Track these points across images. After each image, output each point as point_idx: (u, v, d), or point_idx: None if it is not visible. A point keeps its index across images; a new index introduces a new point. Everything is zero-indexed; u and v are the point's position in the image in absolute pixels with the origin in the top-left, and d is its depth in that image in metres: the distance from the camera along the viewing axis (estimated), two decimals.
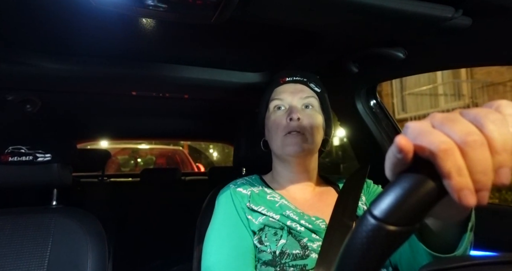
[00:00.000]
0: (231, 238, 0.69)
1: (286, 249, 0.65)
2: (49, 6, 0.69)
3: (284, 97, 0.78)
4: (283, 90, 0.79)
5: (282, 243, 0.66)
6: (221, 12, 0.59)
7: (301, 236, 0.67)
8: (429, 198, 0.26)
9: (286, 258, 0.64)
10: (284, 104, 0.78)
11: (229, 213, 0.73)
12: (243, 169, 1.31)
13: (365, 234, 0.27)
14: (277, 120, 0.76)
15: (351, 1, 0.58)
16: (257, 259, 0.67)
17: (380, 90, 8.97)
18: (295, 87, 0.80)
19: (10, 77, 0.98)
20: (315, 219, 0.70)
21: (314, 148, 0.77)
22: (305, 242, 0.66)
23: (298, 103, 0.77)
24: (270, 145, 0.80)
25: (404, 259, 0.59)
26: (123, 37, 0.86)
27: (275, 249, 0.65)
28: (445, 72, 7.68)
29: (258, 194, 0.76)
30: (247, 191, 0.76)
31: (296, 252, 0.64)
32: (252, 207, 0.72)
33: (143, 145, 4.41)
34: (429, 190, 0.26)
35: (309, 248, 0.65)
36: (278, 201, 0.74)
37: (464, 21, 0.65)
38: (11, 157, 0.89)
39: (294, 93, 0.78)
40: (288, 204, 0.73)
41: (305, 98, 0.78)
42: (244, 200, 0.74)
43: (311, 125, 0.76)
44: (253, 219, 0.71)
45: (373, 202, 0.28)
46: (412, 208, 0.26)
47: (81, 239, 0.89)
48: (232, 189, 0.77)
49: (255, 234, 0.69)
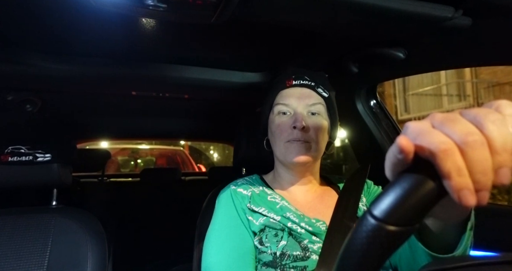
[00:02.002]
0: (232, 238, 0.69)
1: (287, 250, 0.65)
2: (49, 6, 0.69)
3: (289, 103, 0.75)
4: (289, 94, 0.76)
5: (282, 244, 0.65)
6: (221, 12, 0.59)
7: (302, 238, 0.67)
8: (429, 198, 0.26)
9: (287, 259, 0.64)
10: (289, 110, 0.75)
11: (230, 214, 0.73)
12: (243, 169, 1.31)
13: (365, 234, 0.27)
14: (281, 126, 0.74)
15: (351, 1, 0.58)
16: (257, 260, 0.67)
17: (383, 91, 8.92)
18: (301, 92, 0.76)
19: (10, 77, 0.98)
20: (316, 221, 0.70)
21: (318, 155, 0.76)
22: (306, 243, 0.66)
23: (304, 110, 0.74)
24: (273, 147, 0.79)
25: (403, 260, 0.59)
26: (123, 37, 0.86)
27: (275, 250, 0.65)
28: (449, 72, 7.57)
29: (259, 194, 0.75)
30: (247, 191, 0.75)
31: (297, 254, 0.64)
32: (253, 208, 0.71)
33: (143, 145, 4.38)
34: (429, 190, 0.26)
35: (310, 250, 0.65)
36: (278, 202, 0.73)
37: (464, 21, 0.65)
38: (11, 157, 0.89)
39: (300, 98, 0.75)
40: (288, 206, 0.72)
41: (311, 105, 0.74)
42: (245, 200, 0.74)
43: (317, 133, 0.73)
44: (254, 220, 0.70)
45: (373, 202, 0.28)
46: (412, 208, 0.26)
47: (81, 239, 0.89)
48: (233, 189, 0.77)
49: (255, 235, 0.69)
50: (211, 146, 10.94)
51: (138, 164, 4.36)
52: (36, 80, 1.02)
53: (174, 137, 2.75)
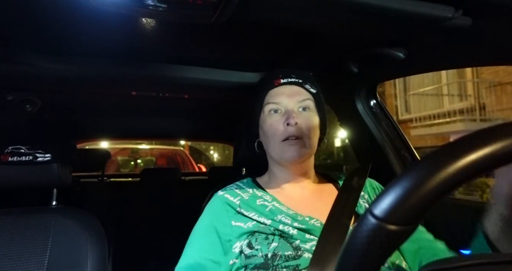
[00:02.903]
0: (200, 245, 0.71)
1: (278, 251, 0.64)
2: (49, 6, 0.69)
3: (280, 101, 0.76)
4: (279, 93, 0.77)
5: (274, 246, 0.65)
6: (221, 12, 0.59)
7: (293, 239, 0.66)
8: (430, 197, 0.26)
9: (278, 260, 0.63)
10: (280, 108, 0.76)
11: (208, 221, 0.74)
12: (243, 169, 1.31)
13: (366, 233, 0.27)
14: (274, 125, 0.75)
15: (351, 1, 0.58)
16: (244, 265, 0.66)
17: (383, 91, 8.91)
18: (291, 89, 0.77)
19: (10, 77, 0.98)
20: (309, 219, 0.70)
21: (312, 152, 0.77)
22: (298, 243, 0.66)
23: (294, 106, 0.75)
24: (266, 148, 0.79)
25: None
26: (123, 37, 0.86)
27: (266, 252, 0.64)
28: (450, 72, 7.53)
29: (248, 200, 0.74)
30: (236, 199, 0.75)
31: (288, 253, 0.64)
32: (243, 212, 0.71)
33: (143, 145, 4.36)
34: (430, 189, 0.26)
35: (302, 249, 0.65)
36: (268, 205, 0.73)
37: (464, 21, 0.65)
38: (11, 157, 0.89)
39: (290, 96, 0.76)
40: (279, 207, 0.72)
41: (301, 101, 0.76)
42: (233, 207, 0.73)
43: (309, 129, 0.74)
44: (242, 223, 0.70)
45: (374, 201, 0.28)
46: (413, 208, 0.26)
47: (81, 239, 0.89)
48: (220, 195, 0.77)
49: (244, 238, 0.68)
50: (211, 146, 10.94)
51: (138, 164, 4.35)
52: (36, 80, 1.02)
53: (174, 137, 2.75)
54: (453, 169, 0.26)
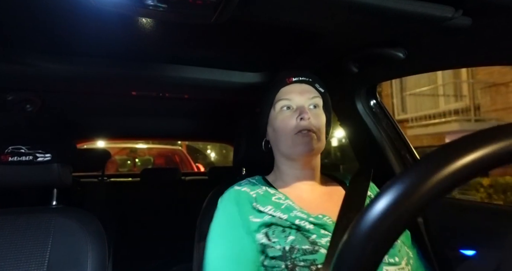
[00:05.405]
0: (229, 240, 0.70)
1: (296, 244, 0.65)
2: (49, 6, 0.69)
3: (292, 97, 0.78)
4: (291, 90, 0.80)
5: (291, 239, 0.66)
6: (221, 12, 0.59)
7: (310, 233, 0.68)
8: (424, 200, 0.26)
9: (296, 253, 0.65)
10: (292, 105, 0.78)
11: (230, 215, 0.73)
12: (243, 169, 1.31)
13: (362, 232, 0.27)
14: (286, 120, 0.77)
15: (351, 1, 0.58)
16: (264, 254, 0.67)
17: (380, 90, 8.94)
18: (302, 87, 0.80)
19: (10, 77, 0.98)
20: (322, 216, 0.71)
21: (322, 146, 0.79)
22: (314, 238, 0.67)
23: (306, 103, 0.78)
24: (276, 144, 0.81)
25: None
26: (123, 37, 0.86)
27: (284, 245, 0.66)
28: (445, 72, 7.62)
29: (263, 195, 0.76)
30: (252, 192, 0.76)
31: (306, 248, 0.65)
32: (259, 208, 0.72)
33: (140, 144, 4.35)
34: (424, 193, 0.26)
35: (318, 244, 0.66)
36: (283, 202, 0.74)
37: (464, 21, 0.65)
38: (11, 157, 0.89)
39: (302, 93, 0.79)
40: (293, 205, 0.73)
41: (312, 98, 0.79)
42: (250, 200, 0.74)
43: (319, 125, 0.78)
44: (259, 218, 0.71)
45: (371, 201, 0.28)
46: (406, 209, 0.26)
47: (81, 239, 0.89)
48: (237, 189, 0.78)
49: (260, 230, 0.69)
50: (208, 146, 10.94)
51: (136, 163, 4.34)
52: (36, 80, 1.02)
53: (174, 137, 2.75)
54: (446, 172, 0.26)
